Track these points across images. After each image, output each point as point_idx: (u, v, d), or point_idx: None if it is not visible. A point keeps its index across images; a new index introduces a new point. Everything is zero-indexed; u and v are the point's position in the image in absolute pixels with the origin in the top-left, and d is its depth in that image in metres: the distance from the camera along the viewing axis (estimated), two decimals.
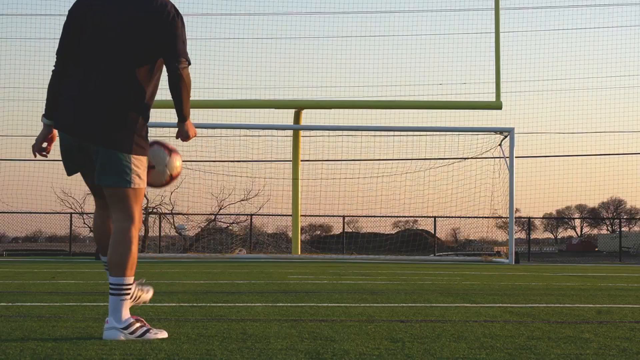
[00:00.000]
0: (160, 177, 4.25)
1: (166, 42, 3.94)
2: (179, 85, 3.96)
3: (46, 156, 4.16)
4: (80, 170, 4.08)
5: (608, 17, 43.86)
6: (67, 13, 4.02)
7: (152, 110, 4.11)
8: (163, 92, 4.19)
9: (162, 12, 3.94)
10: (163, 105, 20.77)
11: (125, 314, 3.95)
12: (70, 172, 4.10)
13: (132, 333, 3.86)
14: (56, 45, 4.02)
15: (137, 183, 3.94)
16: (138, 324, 3.93)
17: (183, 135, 4.16)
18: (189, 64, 4.02)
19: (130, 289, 4.02)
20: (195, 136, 4.25)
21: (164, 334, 3.93)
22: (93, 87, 3.90)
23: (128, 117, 3.90)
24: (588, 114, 35.16)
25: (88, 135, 3.90)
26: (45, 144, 4.10)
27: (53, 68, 4.03)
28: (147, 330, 3.92)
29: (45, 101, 4.03)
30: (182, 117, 4.10)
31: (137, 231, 4.00)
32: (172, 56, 3.94)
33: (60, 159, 4.07)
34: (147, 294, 4.29)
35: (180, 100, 4.04)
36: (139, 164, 3.95)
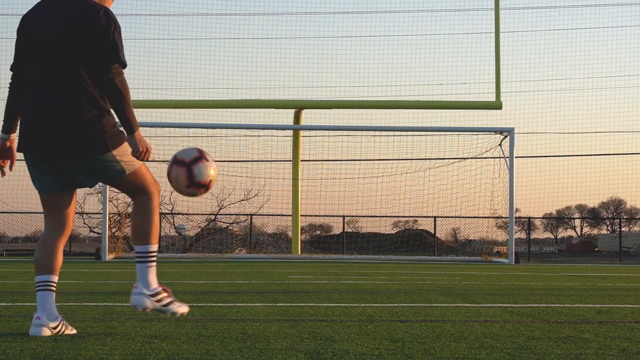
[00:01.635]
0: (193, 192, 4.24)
1: (95, 44, 3.83)
2: (111, 93, 3.82)
3: (3, 174, 4.18)
4: (55, 186, 4.03)
5: (608, 17, 43.87)
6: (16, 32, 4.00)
7: (149, 110, 4.10)
8: (165, 92, 4.17)
9: (89, 12, 3.85)
10: (158, 105, 20.81)
11: (153, 281, 4.05)
12: (47, 190, 4.04)
13: (158, 301, 4.01)
14: None
15: (129, 167, 3.96)
16: (165, 294, 4.06)
17: (132, 150, 3.93)
18: (123, 67, 3.86)
19: (155, 255, 4.08)
20: (147, 152, 3.93)
21: (185, 309, 4.09)
22: (48, 104, 3.86)
23: (91, 121, 3.84)
24: (588, 114, 35.15)
25: (62, 152, 3.87)
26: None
27: (9, 83, 4.00)
28: (172, 302, 4.05)
29: (3, 117, 4.03)
30: (125, 129, 3.91)
31: (157, 200, 4.08)
32: (101, 60, 3.82)
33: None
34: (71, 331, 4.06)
35: (117, 110, 3.86)
36: (121, 152, 3.92)
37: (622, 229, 48.49)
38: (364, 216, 25.38)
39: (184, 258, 20.19)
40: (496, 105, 19.87)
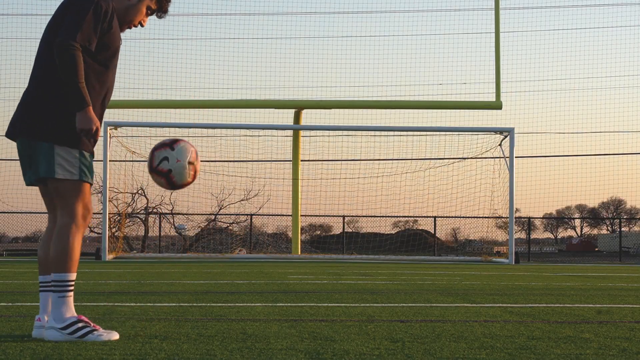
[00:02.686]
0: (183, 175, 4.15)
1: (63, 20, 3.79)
2: (58, 66, 3.71)
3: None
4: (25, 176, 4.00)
5: (608, 17, 43.88)
6: None
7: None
8: (165, 92, 4.15)
9: None
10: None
11: (67, 312, 3.74)
12: (26, 181, 3.99)
13: (72, 333, 3.70)
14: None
15: (63, 173, 3.82)
16: (81, 324, 3.74)
17: (77, 126, 3.76)
18: (74, 45, 3.69)
19: (70, 286, 3.79)
20: (95, 129, 3.76)
21: (113, 336, 3.75)
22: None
23: (47, 108, 3.79)
24: (588, 114, 35.14)
25: (15, 130, 3.91)
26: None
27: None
28: (91, 331, 3.73)
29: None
30: (74, 105, 3.75)
31: (75, 228, 3.84)
32: (58, 33, 3.76)
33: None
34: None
35: (64, 83, 3.73)
36: (65, 152, 3.81)
37: (622, 229, 48.49)
38: (364, 216, 25.39)
39: (184, 258, 20.18)
40: (496, 105, 19.88)
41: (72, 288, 3.79)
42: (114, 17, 3.91)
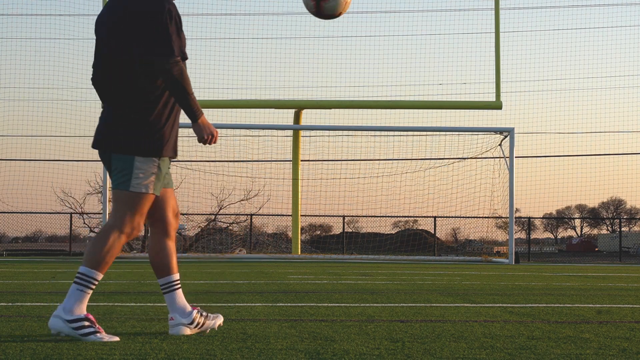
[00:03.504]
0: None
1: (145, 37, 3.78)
2: (167, 83, 3.78)
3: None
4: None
5: (608, 17, 43.89)
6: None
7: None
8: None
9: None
10: None
11: (78, 307, 3.77)
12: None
13: (76, 329, 3.73)
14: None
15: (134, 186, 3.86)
16: (87, 323, 3.75)
17: (197, 137, 3.90)
18: (183, 59, 3.80)
19: (92, 282, 3.80)
20: (211, 136, 3.88)
21: (113, 339, 3.74)
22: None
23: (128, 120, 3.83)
24: (588, 114, 35.15)
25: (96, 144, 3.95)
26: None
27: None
28: (94, 332, 3.73)
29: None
30: (189, 116, 3.86)
31: (123, 237, 3.88)
32: (152, 52, 3.77)
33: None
34: (215, 320, 4.09)
35: (177, 98, 3.83)
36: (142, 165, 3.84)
37: (622, 229, 48.49)
38: (364, 216, 25.39)
39: (184, 258, 20.18)
40: (496, 105, 19.87)
41: (93, 287, 3.82)
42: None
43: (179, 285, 4.03)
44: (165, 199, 4.02)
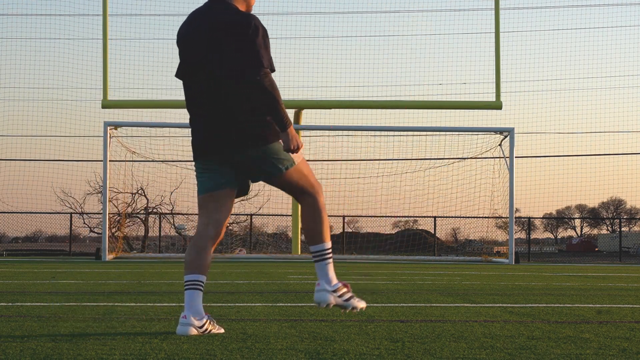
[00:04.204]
0: None
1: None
2: (258, 94, 3.95)
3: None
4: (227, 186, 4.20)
5: (608, 17, 43.82)
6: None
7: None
8: (165, 92, 4.17)
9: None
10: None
11: (333, 277, 4.15)
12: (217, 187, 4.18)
13: (340, 296, 4.10)
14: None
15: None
16: (345, 289, 4.15)
17: (284, 146, 4.07)
18: (272, 70, 3.99)
19: (330, 252, 4.20)
20: (297, 147, 4.08)
21: (363, 304, 4.18)
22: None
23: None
24: (588, 114, 35.15)
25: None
26: None
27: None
28: (352, 297, 4.15)
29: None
30: (279, 126, 4.03)
31: (322, 199, 4.22)
32: (243, 64, 3.97)
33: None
34: (219, 330, 4.13)
35: (268, 108, 4.00)
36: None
37: (622, 229, 48.51)
38: (364, 216, 25.39)
39: (184, 258, 20.16)
40: (496, 105, 19.87)
41: (331, 254, 4.20)
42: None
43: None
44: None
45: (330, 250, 4.19)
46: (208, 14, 4.09)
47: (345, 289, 4.16)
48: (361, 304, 4.17)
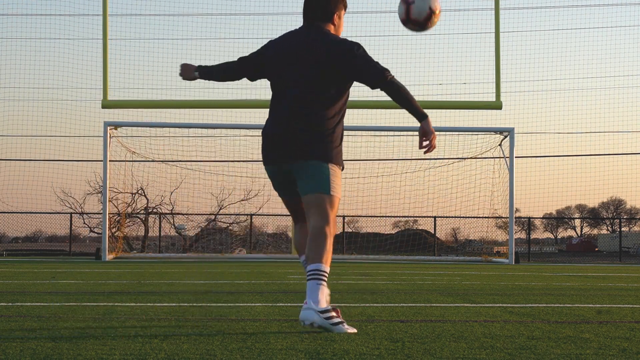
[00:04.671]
0: (420, 12, 4.64)
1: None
2: (397, 93, 4.40)
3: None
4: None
5: (608, 17, 43.81)
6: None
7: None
8: (165, 92, 4.24)
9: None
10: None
11: (323, 300, 4.15)
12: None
13: (327, 319, 4.08)
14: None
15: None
16: (334, 314, 4.14)
17: (422, 134, 4.39)
18: (391, 74, 4.41)
19: (326, 275, 4.23)
20: (429, 139, 4.38)
21: (353, 330, 4.12)
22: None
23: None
24: (588, 114, 35.13)
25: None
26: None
27: None
28: (341, 322, 4.13)
29: None
30: (417, 117, 4.41)
31: (333, 230, 4.38)
32: (376, 76, 4.51)
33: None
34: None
35: (405, 104, 4.41)
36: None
37: (622, 229, 48.49)
38: (364, 216, 25.39)
39: (184, 258, 20.18)
40: (496, 105, 19.85)
41: (326, 278, 4.23)
42: None
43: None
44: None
45: (326, 274, 4.22)
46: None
47: (334, 314, 4.13)
48: (351, 330, 4.11)
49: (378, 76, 4.39)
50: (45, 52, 32.50)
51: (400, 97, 4.37)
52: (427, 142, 4.38)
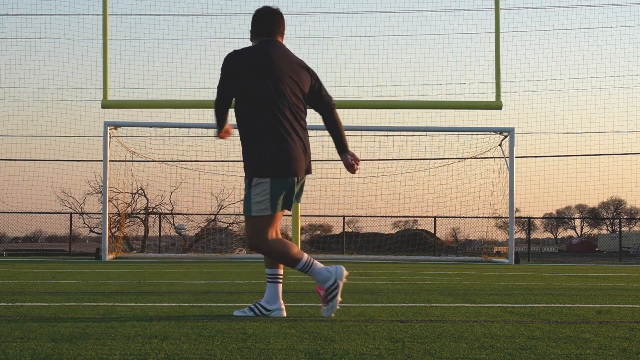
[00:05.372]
0: None
1: None
2: (337, 119, 5.17)
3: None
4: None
5: (607, 17, 43.80)
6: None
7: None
8: (165, 92, 4.30)
9: None
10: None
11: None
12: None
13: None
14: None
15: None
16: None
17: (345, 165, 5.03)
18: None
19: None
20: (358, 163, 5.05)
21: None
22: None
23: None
24: (588, 114, 35.12)
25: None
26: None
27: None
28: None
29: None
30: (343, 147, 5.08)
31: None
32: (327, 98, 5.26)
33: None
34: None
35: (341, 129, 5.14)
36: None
37: (622, 229, 48.49)
38: (364, 216, 25.39)
39: (184, 258, 20.18)
40: (496, 105, 19.85)
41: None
42: None
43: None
44: None
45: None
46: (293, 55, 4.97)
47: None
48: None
49: (332, 101, 5.05)
50: (45, 52, 32.52)
51: (340, 124, 5.03)
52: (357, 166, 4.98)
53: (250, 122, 4.78)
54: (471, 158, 21.45)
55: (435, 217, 24.76)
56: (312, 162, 4.91)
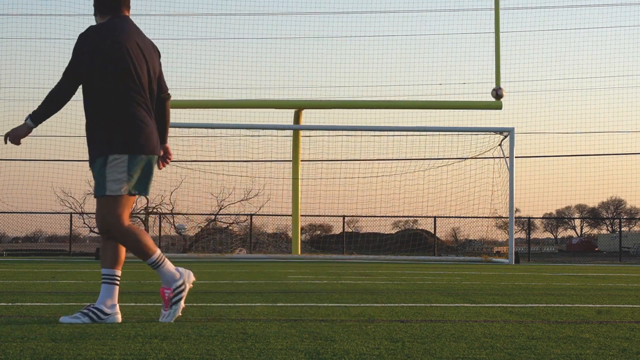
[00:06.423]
0: None
1: None
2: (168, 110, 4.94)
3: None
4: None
5: (608, 17, 43.81)
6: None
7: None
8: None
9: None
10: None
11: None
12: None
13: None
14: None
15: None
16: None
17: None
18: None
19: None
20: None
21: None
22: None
23: None
24: (588, 113, 35.14)
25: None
26: None
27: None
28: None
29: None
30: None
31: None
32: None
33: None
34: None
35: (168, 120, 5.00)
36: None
37: (622, 229, 48.50)
38: (364, 216, 25.39)
39: (184, 258, 20.18)
40: (496, 106, 19.88)
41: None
42: None
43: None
44: None
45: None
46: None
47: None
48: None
49: (168, 90, 4.87)
50: (45, 52, 32.53)
51: (169, 115, 4.85)
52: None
53: (105, 102, 4.45)
54: (471, 158, 21.46)
55: (435, 217, 24.76)
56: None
